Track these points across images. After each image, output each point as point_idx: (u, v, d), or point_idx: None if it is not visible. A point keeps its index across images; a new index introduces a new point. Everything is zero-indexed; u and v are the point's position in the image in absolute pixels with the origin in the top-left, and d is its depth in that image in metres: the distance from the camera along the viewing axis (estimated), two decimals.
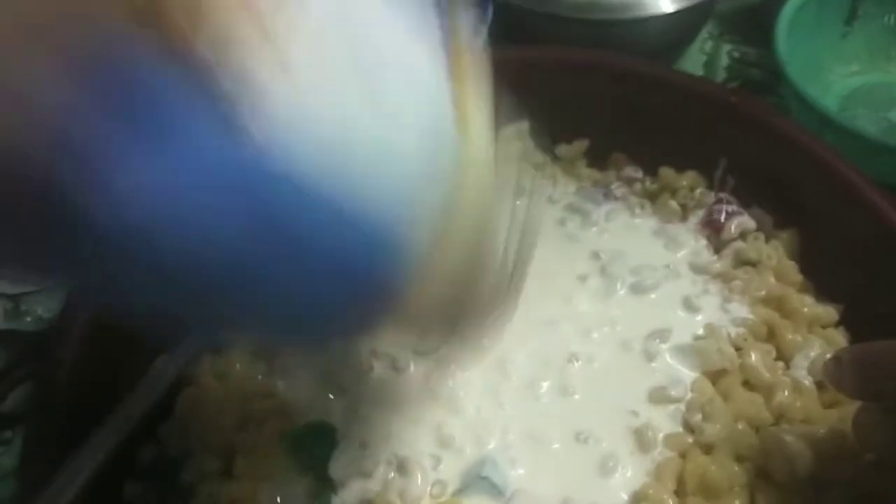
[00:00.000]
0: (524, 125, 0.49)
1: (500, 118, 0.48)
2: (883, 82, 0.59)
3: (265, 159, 0.17)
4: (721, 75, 0.60)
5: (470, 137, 0.23)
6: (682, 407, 0.37)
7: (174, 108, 0.16)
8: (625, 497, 0.34)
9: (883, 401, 0.31)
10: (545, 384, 0.38)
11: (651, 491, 0.34)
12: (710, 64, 0.61)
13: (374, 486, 0.34)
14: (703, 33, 0.62)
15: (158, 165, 0.16)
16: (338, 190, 0.18)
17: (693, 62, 0.62)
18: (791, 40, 0.53)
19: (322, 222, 0.18)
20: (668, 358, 0.38)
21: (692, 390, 0.37)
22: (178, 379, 0.38)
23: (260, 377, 0.38)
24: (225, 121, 0.16)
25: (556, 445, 0.36)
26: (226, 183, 0.17)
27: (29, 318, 0.48)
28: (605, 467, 0.35)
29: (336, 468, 0.34)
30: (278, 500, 0.34)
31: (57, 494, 0.33)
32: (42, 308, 0.48)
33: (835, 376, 0.32)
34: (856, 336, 0.40)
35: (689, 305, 0.40)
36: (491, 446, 0.35)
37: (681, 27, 0.58)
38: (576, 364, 0.38)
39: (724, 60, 0.61)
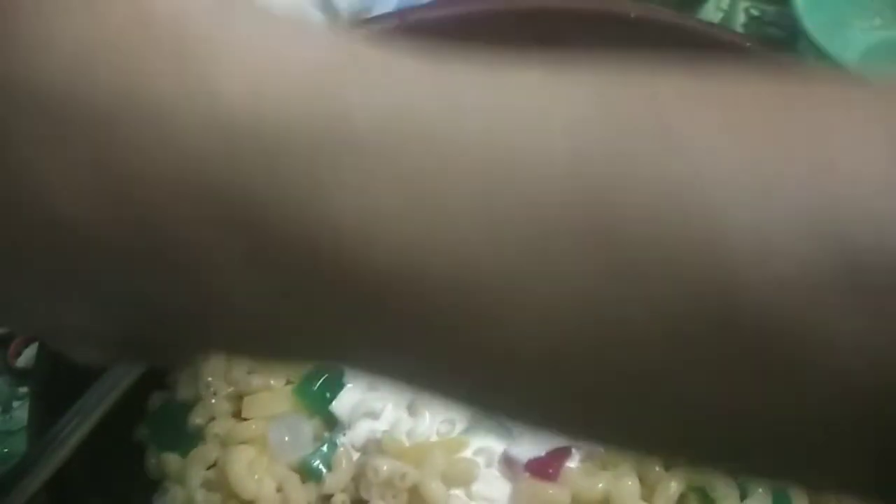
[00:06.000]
0: None
1: None
2: None
3: None
4: None
5: None
6: None
7: None
8: None
9: None
10: None
11: None
12: (725, 22, 0.60)
13: (381, 425, 0.34)
14: None
15: None
16: None
17: (708, 20, 0.61)
18: None
19: None
20: None
21: None
22: None
23: None
24: None
25: None
26: None
27: None
28: None
29: (344, 409, 0.34)
30: (286, 440, 0.34)
31: (67, 434, 0.33)
32: None
33: None
34: None
35: None
36: None
37: None
38: None
39: (740, 18, 0.60)
